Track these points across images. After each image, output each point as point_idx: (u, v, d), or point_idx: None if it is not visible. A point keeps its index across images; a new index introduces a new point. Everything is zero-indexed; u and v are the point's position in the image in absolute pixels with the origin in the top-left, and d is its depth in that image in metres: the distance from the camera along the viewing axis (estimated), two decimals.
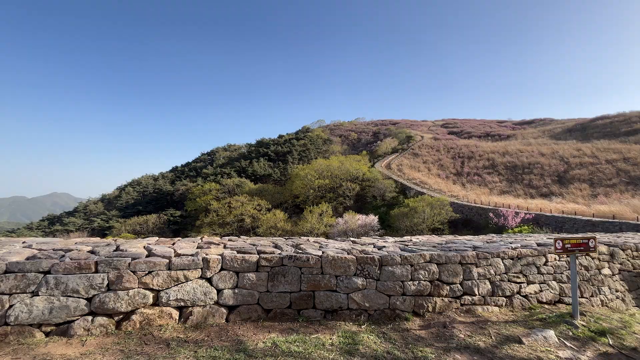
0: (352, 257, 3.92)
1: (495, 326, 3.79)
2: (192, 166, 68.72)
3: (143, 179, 66.92)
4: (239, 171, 52.08)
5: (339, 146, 65.44)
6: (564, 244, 4.35)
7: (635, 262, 5.90)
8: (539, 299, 4.69)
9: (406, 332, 3.53)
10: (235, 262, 3.63)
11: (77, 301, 3.10)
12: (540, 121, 70.07)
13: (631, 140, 39.90)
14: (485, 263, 4.45)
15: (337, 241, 5.42)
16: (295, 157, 58.37)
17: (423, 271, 4.07)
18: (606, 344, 3.47)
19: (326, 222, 24.47)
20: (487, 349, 3.21)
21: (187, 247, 4.03)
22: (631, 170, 32.24)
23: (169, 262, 3.43)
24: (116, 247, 3.80)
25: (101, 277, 3.19)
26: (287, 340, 3.12)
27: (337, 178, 36.59)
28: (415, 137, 61.78)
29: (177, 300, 3.39)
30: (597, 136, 46.04)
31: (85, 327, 3.07)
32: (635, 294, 5.67)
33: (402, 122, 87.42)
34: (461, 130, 68.80)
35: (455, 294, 4.21)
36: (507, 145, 47.82)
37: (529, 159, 40.40)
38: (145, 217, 38.44)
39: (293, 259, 3.78)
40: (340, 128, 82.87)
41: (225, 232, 28.31)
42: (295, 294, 3.74)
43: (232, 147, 78.49)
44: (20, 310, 2.96)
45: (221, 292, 3.55)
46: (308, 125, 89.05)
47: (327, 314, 3.80)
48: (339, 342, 3.16)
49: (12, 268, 3.06)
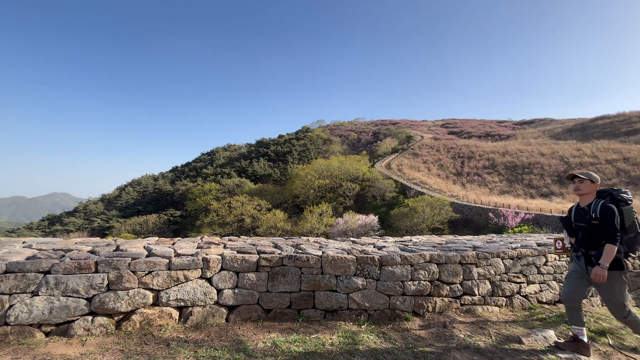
0: (352, 257, 3.93)
1: (495, 326, 3.79)
2: (192, 166, 68.75)
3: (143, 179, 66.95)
4: (239, 171, 52.09)
5: (339, 146, 65.47)
6: (564, 244, 4.35)
7: (635, 262, 5.90)
8: (539, 299, 4.69)
9: (406, 332, 3.53)
10: (235, 262, 3.63)
11: (77, 301, 3.10)
12: (540, 121, 70.09)
13: (631, 140, 39.91)
14: (485, 263, 4.45)
15: (337, 241, 5.42)
16: (295, 157, 58.39)
17: (423, 271, 4.07)
18: (606, 344, 3.47)
19: (326, 222, 24.48)
20: (487, 349, 3.21)
21: (187, 247, 4.03)
22: (631, 170, 32.26)
23: (169, 262, 3.43)
24: (116, 247, 3.80)
25: (101, 277, 3.19)
26: (287, 340, 3.12)
27: (337, 178, 36.59)
28: (415, 137, 61.79)
29: (177, 300, 3.39)
30: (597, 136, 46.06)
31: (85, 327, 3.07)
32: (635, 294, 5.67)
33: (402, 122, 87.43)
34: (461, 130, 68.81)
35: (455, 294, 4.21)
36: (507, 145, 47.83)
37: (529, 159, 40.41)
38: (145, 217, 38.47)
39: (293, 259, 3.78)
40: (340, 128, 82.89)
41: (225, 232, 28.32)
42: (295, 294, 3.74)
43: (232, 147, 78.52)
44: (20, 310, 2.96)
45: (221, 292, 3.55)
46: (308, 125, 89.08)
47: (327, 314, 3.80)
48: (339, 342, 3.16)
49: (12, 268, 3.06)
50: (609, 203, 3.00)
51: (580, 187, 3.13)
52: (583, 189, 3.12)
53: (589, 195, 3.13)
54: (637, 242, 3.01)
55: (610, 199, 3.07)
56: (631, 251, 3.02)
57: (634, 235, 3.00)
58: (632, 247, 3.02)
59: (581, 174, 3.13)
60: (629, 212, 2.99)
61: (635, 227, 3.00)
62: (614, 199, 3.06)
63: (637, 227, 3.00)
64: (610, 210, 2.93)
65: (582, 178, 3.12)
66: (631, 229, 3.00)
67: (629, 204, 3.04)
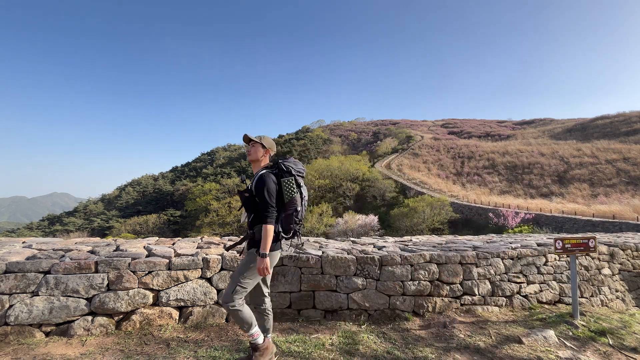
0: (352, 257, 3.92)
1: (495, 326, 3.79)
2: (192, 166, 68.74)
3: (143, 179, 66.93)
4: (239, 171, 52.07)
5: (339, 146, 65.48)
6: (564, 244, 4.36)
7: (635, 262, 5.90)
8: (539, 299, 4.69)
9: (406, 332, 3.53)
10: (235, 262, 3.63)
11: (77, 301, 3.10)
12: (540, 121, 70.10)
13: (631, 140, 39.93)
14: (485, 263, 4.45)
15: (337, 241, 5.41)
16: (295, 157, 58.43)
17: (423, 271, 4.07)
18: (606, 344, 3.47)
19: (326, 222, 24.48)
20: (487, 348, 3.21)
21: (187, 247, 4.03)
22: (631, 170, 32.26)
23: (169, 262, 3.43)
24: (116, 247, 3.80)
25: (101, 277, 3.19)
26: (287, 340, 3.12)
27: (337, 178, 36.59)
28: (415, 137, 61.82)
29: (177, 300, 3.39)
30: (597, 136, 46.07)
31: (85, 327, 3.07)
32: (635, 294, 5.67)
33: (402, 122, 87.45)
34: (461, 130, 68.83)
35: (455, 294, 4.21)
36: (507, 145, 47.85)
37: (529, 159, 40.42)
38: (145, 217, 38.47)
39: (293, 259, 3.78)
40: (340, 128, 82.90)
41: (225, 232, 28.32)
42: (295, 294, 3.74)
43: (232, 147, 78.51)
44: (20, 310, 2.96)
45: (221, 292, 3.55)
46: (308, 125, 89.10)
47: (327, 313, 3.80)
48: (339, 342, 3.16)
49: (12, 268, 3.06)
50: (272, 173, 2.55)
51: (251, 151, 2.67)
52: (253, 153, 2.66)
53: (258, 163, 2.68)
54: (292, 222, 2.57)
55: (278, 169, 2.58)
56: (285, 232, 2.57)
57: (290, 213, 2.55)
58: (287, 226, 2.57)
59: (256, 137, 2.67)
60: (287, 185, 2.51)
61: (294, 202, 2.53)
62: (279, 168, 2.58)
63: (296, 203, 2.54)
64: (263, 181, 2.47)
65: (255, 141, 2.66)
66: (290, 204, 2.53)
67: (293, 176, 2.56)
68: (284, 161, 2.61)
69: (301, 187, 2.62)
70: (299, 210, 2.59)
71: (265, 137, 2.71)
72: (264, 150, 2.68)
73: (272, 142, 2.73)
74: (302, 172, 2.68)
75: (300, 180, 2.62)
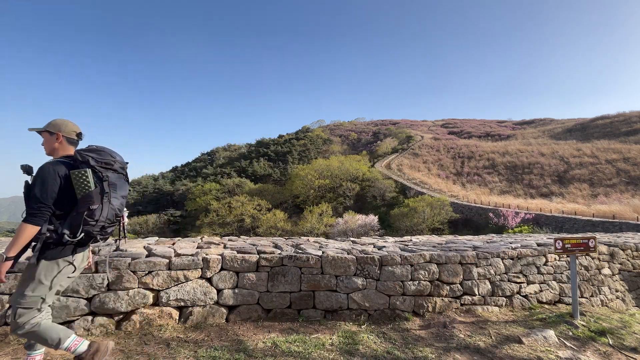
0: (352, 257, 3.93)
1: (495, 326, 3.79)
2: (192, 166, 68.71)
3: (143, 179, 66.88)
4: (239, 171, 52.11)
5: (339, 146, 65.49)
6: (564, 244, 4.36)
7: (636, 262, 5.90)
8: (539, 299, 4.69)
9: (406, 332, 3.53)
10: (235, 262, 3.63)
11: (77, 301, 3.10)
12: (540, 121, 70.12)
13: (631, 140, 39.93)
14: (485, 263, 4.45)
15: (337, 241, 5.42)
16: (295, 157, 58.40)
17: (423, 271, 4.07)
18: (606, 344, 3.47)
19: (326, 222, 24.48)
20: (487, 348, 3.21)
21: (187, 247, 4.03)
22: (631, 170, 32.27)
23: (169, 262, 3.43)
24: (116, 247, 3.80)
25: (101, 277, 3.19)
26: (287, 340, 3.12)
27: (337, 178, 36.59)
28: (415, 137, 61.83)
29: (177, 300, 3.39)
30: (597, 136, 46.08)
31: (86, 327, 3.07)
32: (635, 294, 5.67)
33: (402, 122, 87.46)
34: (461, 130, 68.84)
35: (455, 294, 4.21)
36: (507, 145, 47.85)
37: (529, 159, 40.42)
38: (145, 217, 38.44)
39: (293, 259, 3.78)
40: (340, 128, 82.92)
41: (225, 232, 28.32)
42: (295, 294, 3.74)
43: (232, 147, 78.50)
44: None
45: (221, 292, 3.55)
46: (308, 125, 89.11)
47: (327, 313, 3.80)
48: (339, 342, 3.16)
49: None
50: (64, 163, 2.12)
51: (43, 144, 2.23)
52: (45, 146, 2.22)
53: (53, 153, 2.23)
54: (82, 222, 2.08)
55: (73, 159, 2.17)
56: (72, 234, 2.08)
57: (82, 212, 2.08)
58: (74, 228, 2.08)
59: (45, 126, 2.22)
60: (78, 178, 2.07)
61: (88, 199, 2.09)
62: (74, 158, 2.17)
63: (91, 201, 2.09)
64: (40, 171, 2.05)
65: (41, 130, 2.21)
66: (83, 202, 2.09)
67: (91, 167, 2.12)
68: (83, 150, 2.21)
69: (107, 181, 2.18)
70: (93, 209, 2.09)
71: (52, 120, 2.23)
72: (53, 136, 2.19)
73: (64, 122, 2.23)
74: (113, 163, 2.24)
75: (108, 173, 2.20)
